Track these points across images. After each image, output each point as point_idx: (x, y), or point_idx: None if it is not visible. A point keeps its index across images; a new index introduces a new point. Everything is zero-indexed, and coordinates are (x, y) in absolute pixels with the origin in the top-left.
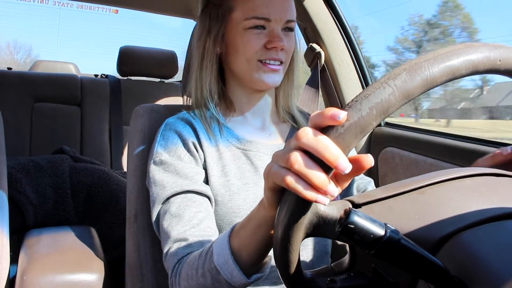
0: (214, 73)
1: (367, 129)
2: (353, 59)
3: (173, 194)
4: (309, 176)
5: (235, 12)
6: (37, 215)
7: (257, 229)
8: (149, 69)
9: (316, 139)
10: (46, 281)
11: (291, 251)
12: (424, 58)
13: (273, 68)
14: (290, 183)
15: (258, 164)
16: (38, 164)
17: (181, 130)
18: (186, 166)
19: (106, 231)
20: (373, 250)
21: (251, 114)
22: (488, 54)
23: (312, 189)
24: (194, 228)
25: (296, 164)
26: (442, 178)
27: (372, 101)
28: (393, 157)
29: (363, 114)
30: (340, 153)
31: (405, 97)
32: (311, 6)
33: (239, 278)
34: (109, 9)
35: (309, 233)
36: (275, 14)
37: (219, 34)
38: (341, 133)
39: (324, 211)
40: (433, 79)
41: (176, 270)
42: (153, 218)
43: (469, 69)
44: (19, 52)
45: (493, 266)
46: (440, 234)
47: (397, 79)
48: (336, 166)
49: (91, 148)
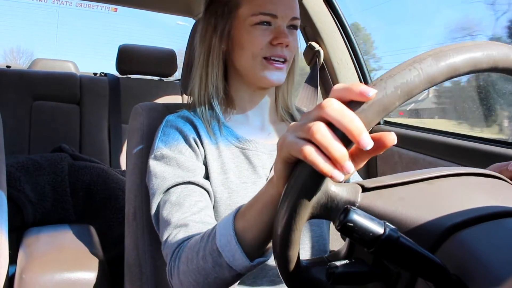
0: (220, 70)
1: (390, 108)
2: (352, 57)
3: (174, 185)
4: (330, 148)
5: (242, 8)
6: (36, 214)
7: (263, 209)
8: (148, 67)
9: (342, 111)
10: (45, 280)
11: (294, 229)
12: (449, 47)
13: (277, 66)
14: (309, 153)
15: (257, 163)
16: (37, 163)
17: (181, 126)
18: (187, 159)
19: (105, 230)
20: (372, 248)
21: (252, 113)
22: (508, 52)
23: (330, 163)
24: (195, 215)
25: (318, 134)
26: (451, 172)
27: (397, 81)
28: (392, 155)
29: (388, 92)
30: (363, 128)
31: (429, 81)
32: (311, 4)
33: (241, 260)
34: (108, 7)
35: (315, 213)
36: (282, 10)
37: (225, 31)
38: (364, 109)
39: (334, 191)
40: (456, 68)
41: (175, 255)
42: (152, 210)
43: (489, 64)
44: (22, 57)
45: (492, 264)
46: (445, 225)
47: (422, 62)
48: (359, 141)
49: (90, 146)
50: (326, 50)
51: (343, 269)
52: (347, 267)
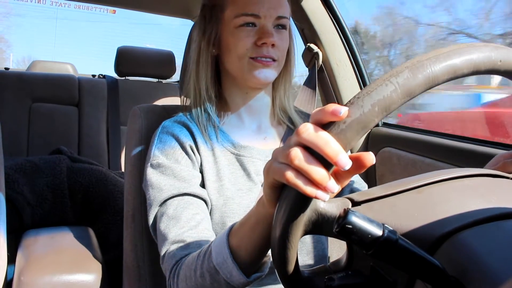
0: (209, 74)
1: (369, 125)
2: (351, 59)
3: (170, 197)
4: (309, 172)
5: (226, 11)
6: (35, 216)
7: (256, 227)
8: (146, 69)
9: (317, 135)
10: (44, 282)
11: (289, 248)
12: (426, 56)
13: (265, 63)
14: (290, 178)
15: (251, 170)
16: (35, 165)
17: (178, 133)
18: (183, 169)
19: (103, 232)
20: (371, 251)
21: (247, 115)
22: (489, 54)
23: (312, 185)
24: (192, 230)
25: (296, 160)
26: (441, 177)
27: (374, 98)
28: (391, 157)
29: (365, 110)
30: (340, 149)
31: (407, 94)
32: (309, 6)
33: (238, 277)
34: (106, 9)
35: (308, 230)
36: (264, 10)
37: (213, 35)
38: (343, 129)
39: (323, 208)
40: (435, 78)
41: (174, 272)
42: (150, 221)
43: (470, 69)
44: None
45: (491, 266)
46: (439, 233)
47: (399, 76)
48: (336, 162)
49: (88, 148)
50: (325, 51)
51: (340, 282)
52: (344, 279)
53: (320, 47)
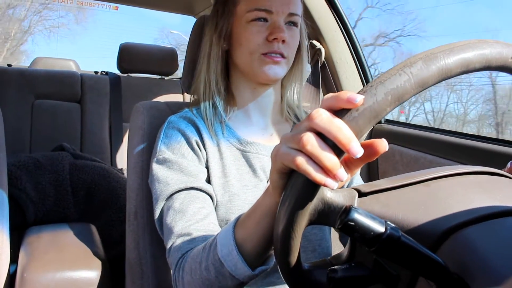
0: (219, 67)
1: (381, 114)
2: (353, 55)
3: (177, 191)
4: (320, 158)
5: (239, 5)
6: (37, 213)
7: (262, 218)
8: (149, 66)
9: (330, 121)
10: (46, 279)
11: (293, 237)
12: (440, 49)
13: (275, 59)
14: (300, 164)
15: (257, 166)
16: (38, 161)
17: (184, 128)
18: (190, 164)
19: (106, 228)
20: (373, 247)
21: (254, 111)
22: (500, 50)
23: (322, 172)
24: (198, 223)
25: (308, 145)
26: (448, 172)
27: (387, 87)
28: (393, 154)
29: (378, 99)
30: (353, 136)
31: (420, 85)
32: (312, 2)
33: (243, 270)
34: (109, 5)
35: (313, 220)
36: (277, 6)
37: (224, 30)
38: (355, 117)
39: (330, 198)
40: (448, 70)
41: (179, 265)
42: (156, 215)
43: (482, 63)
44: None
45: (493, 263)
46: (444, 227)
47: (413, 67)
48: (348, 150)
49: (91, 145)
50: (327, 48)
51: (343, 273)
52: (347, 271)
53: (322, 44)
